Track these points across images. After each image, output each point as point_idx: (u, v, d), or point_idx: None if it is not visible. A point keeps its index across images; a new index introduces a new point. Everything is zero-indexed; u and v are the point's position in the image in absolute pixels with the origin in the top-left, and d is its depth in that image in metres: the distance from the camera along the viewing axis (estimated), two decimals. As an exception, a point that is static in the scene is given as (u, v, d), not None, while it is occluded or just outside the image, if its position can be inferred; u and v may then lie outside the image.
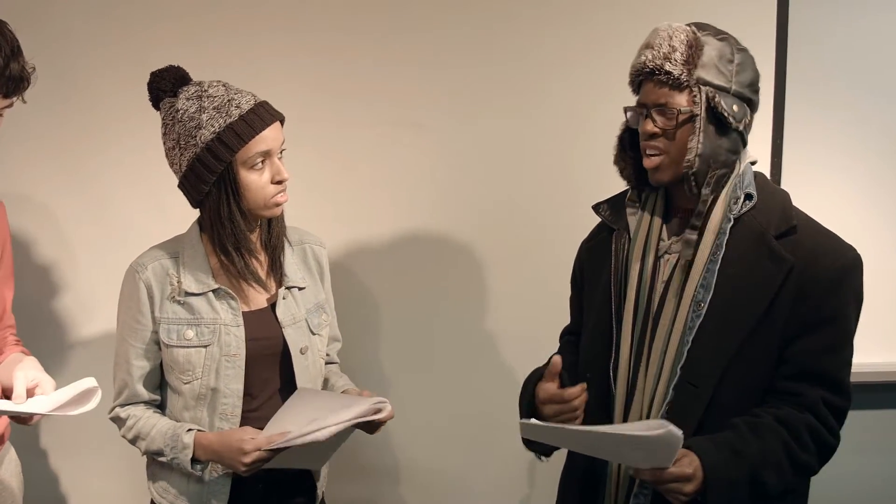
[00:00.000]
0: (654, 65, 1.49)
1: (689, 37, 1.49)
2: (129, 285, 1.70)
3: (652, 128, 1.51)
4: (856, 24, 2.36)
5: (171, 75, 1.65)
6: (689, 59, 1.47)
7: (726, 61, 1.49)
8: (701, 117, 1.47)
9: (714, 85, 1.48)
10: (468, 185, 2.31)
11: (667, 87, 1.49)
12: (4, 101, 1.50)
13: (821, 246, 1.48)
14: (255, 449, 1.57)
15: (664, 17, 1.54)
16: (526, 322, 2.18)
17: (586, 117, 2.25)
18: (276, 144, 1.64)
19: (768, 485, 1.42)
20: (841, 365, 1.49)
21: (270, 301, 1.75)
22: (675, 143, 1.50)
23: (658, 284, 1.57)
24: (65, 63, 2.16)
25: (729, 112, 1.47)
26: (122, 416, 1.73)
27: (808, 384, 1.46)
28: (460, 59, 2.26)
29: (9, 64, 1.46)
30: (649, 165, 1.54)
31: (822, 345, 1.46)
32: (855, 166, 2.41)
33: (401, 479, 2.43)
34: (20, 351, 1.77)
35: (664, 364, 1.51)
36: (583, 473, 1.64)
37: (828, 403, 1.46)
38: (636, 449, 1.35)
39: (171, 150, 1.65)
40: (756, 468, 1.41)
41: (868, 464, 2.51)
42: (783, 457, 1.43)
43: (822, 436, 1.46)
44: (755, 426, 1.44)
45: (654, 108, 1.51)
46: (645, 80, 1.53)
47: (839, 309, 1.47)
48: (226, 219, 1.64)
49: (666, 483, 1.38)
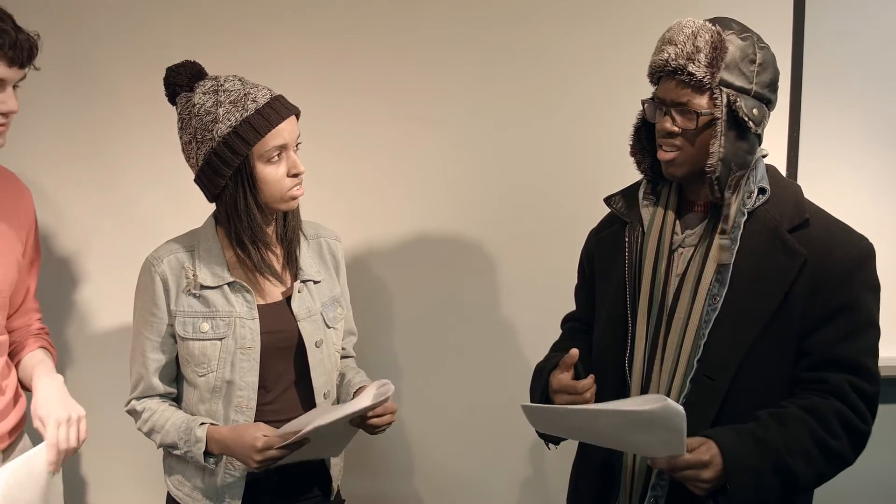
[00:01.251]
0: (678, 64, 1.46)
1: (714, 37, 1.45)
2: (145, 278, 1.70)
3: (671, 126, 1.50)
4: (873, 19, 2.35)
5: (187, 70, 1.66)
6: (714, 61, 1.45)
7: (748, 62, 1.47)
8: (722, 121, 1.46)
9: (735, 87, 1.46)
10: (483, 180, 2.31)
11: (689, 87, 1.47)
12: (21, 71, 1.53)
13: (833, 238, 1.48)
14: (267, 447, 1.58)
15: (682, 15, 1.53)
16: (541, 316, 2.16)
17: (603, 114, 2.25)
18: (292, 138, 1.65)
19: (797, 473, 1.41)
20: (862, 350, 1.47)
21: (286, 294, 1.75)
22: (693, 143, 1.50)
23: (672, 278, 1.57)
24: (83, 56, 2.17)
25: (749, 116, 1.47)
26: (137, 408, 1.74)
27: (830, 371, 1.45)
28: (477, 56, 2.26)
29: (17, 34, 1.49)
30: (664, 158, 1.54)
31: (839, 333, 1.45)
32: (871, 161, 2.40)
33: (415, 473, 2.43)
34: (41, 346, 1.79)
35: (680, 357, 1.51)
36: (598, 466, 1.64)
37: (855, 388, 1.44)
38: (640, 430, 1.34)
39: (187, 145, 1.65)
40: (781, 456, 1.39)
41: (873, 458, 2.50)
42: (811, 444, 1.42)
43: (851, 421, 1.44)
44: (780, 416, 1.43)
45: (673, 107, 1.50)
46: (666, 77, 1.51)
47: (853, 297, 1.46)
48: (242, 212, 1.64)
49: (681, 470, 1.38)
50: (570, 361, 1.56)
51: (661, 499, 1.52)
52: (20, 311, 1.81)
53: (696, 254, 1.54)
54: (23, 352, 1.78)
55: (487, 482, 2.45)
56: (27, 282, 1.80)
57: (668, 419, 1.30)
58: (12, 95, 1.55)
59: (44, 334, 1.84)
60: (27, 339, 1.79)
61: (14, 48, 1.48)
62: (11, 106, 1.54)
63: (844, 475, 1.53)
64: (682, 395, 1.49)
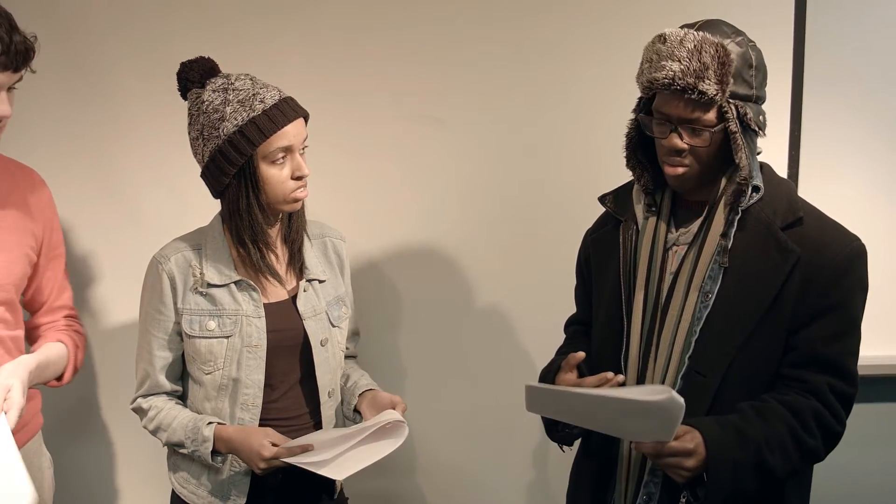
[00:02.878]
0: (686, 83, 1.42)
1: (720, 51, 1.42)
2: (152, 276, 1.71)
3: (681, 144, 1.49)
4: (874, 20, 2.36)
5: (200, 66, 1.67)
6: (723, 77, 1.43)
7: (748, 66, 1.47)
8: (738, 134, 1.46)
9: (741, 96, 1.46)
10: (489, 179, 2.31)
11: (698, 104, 1.44)
12: (15, 75, 1.49)
13: (826, 236, 1.50)
14: (273, 457, 1.59)
15: (684, 14, 1.54)
16: (547, 317, 2.17)
17: (609, 111, 2.22)
18: (297, 140, 1.65)
19: (773, 468, 1.44)
20: (846, 352, 1.50)
21: (291, 293, 1.76)
22: (703, 158, 1.50)
23: (667, 275, 1.58)
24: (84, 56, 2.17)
25: (758, 124, 1.48)
26: (143, 406, 1.75)
27: (813, 371, 1.47)
28: (482, 55, 2.26)
29: (12, 38, 1.45)
30: (673, 174, 1.52)
31: (827, 332, 1.47)
32: (872, 162, 2.41)
33: (419, 472, 2.43)
34: (59, 339, 1.77)
35: (672, 354, 1.53)
36: (596, 462, 1.66)
37: (834, 389, 1.47)
38: (638, 417, 1.36)
39: (195, 140, 1.67)
40: (761, 451, 1.42)
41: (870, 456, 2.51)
42: (789, 441, 1.45)
43: (827, 422, 1.47)
44: (761, 410, 1.45)
45: (681, 124, 1.48)
46: (670, 93, 1.46)
47: (844, 297, 1.48)
48: (244, 211, 1.65)
49: (666, 457, 1.40)
50: (573, 362, 1.58)
51: (654, 496, 1.54)
52: (45, 310, 1.80)
53: (690, 252, 1.56)
54: (38, 343, 1.77)
55: (491, 482, 2.45)
56: (46, 278, 1.78)
57: (669, 410, 1.32)
58: (4, 100, 1.50)
59: (70, 331, 1.81)
60: (48, 333, 1.79)
61: (6, 53, 1.44)
62: (3, 111, 1.50)
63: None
64: (675, 390, 1.50)
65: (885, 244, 2.35)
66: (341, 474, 1.58)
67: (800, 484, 1.57)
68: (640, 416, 1.35)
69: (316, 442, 1.60)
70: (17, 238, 1.67)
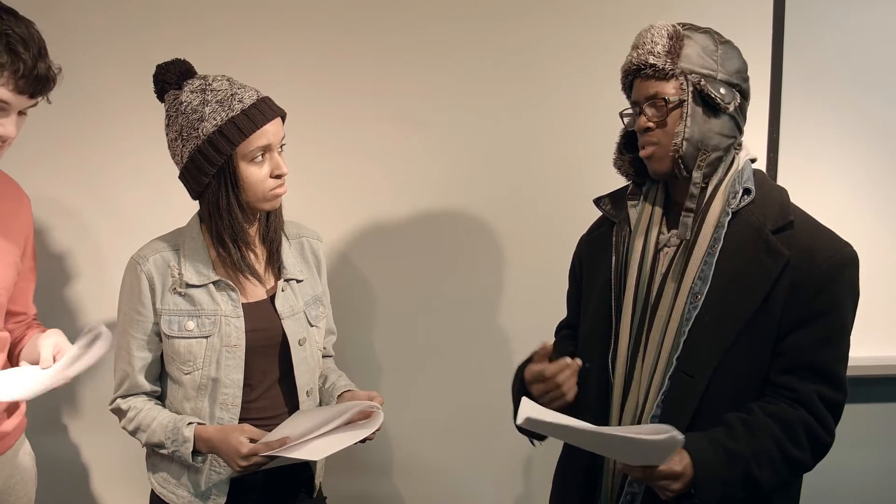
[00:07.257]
0: (639, 61, 1.54)
1: (670, 30, 1.53)
2: (130, 277, 1.71)
3: (645, 122, 1.55)
4: (853, 20, 2.37)
5: (176, 68, 1.67)
6: (672, 49, 1.52)
7: (710, 51, 1.53)
8: (688, 102, 1.51)
9: (699, 73, 1.51)
10: (469, 180, 2.31)
11: (653, 79, 1.53)
12: (30, 101, 1.49)
13: (817, 241, 1.50)
14: (252, 453, 1.59)
15: (667, 13, 1.56)
16: (524, 316, 2.18)
17: (592, 112, 2.25)
18: (276, 139, 1.66)
19: (761, 482, 1.44)
20: (836, 358, 1.50)
21: (270, 293, 1.76)
22: (667, 132, 1.53)
23: (657, 276, 1.58)
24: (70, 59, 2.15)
25: (717, 95, 1.50)
26: (122, 407, 1.74)
27: (802, 379, 1.47)
28: (463, 55, 2.26)
29: (36, 64, 1.44)
30: (644, 154, 1.57)
31: (816, 338, 1.47)
32: (851, 163, 2.42)
33: (397, 473, 2.43)
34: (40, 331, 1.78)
35: (661, 354, 1.53)
36: (582, 467, 1.65)
37: (823, 398, 1.47)
38: (636, 449, 1.36)
39: (173, 142, 1.67)
40: (749, 467, 1.42)
41: (865, 457, 2.52)
42: (777, 454, 1.44)
43: (816, 432, 1.47)
44: (750, 424, 1.45)
45: (645, 103, 1.55)
46: (634, 79, 1.58)
47: (833, 303, 1.48)
48: (224, 210, 1.66)
49: (655, 480, 1.41)
50: (543, 353, 1.58)
51: (637, 496, 1.54)
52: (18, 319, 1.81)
53: (681, 252, 1.56)
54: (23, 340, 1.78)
55: (469, 481, 2.45)
56: (25, 287, 1.79)
57: (669, 447, 1.33)
58: (13, 122, 1.49)
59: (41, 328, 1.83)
60: (25, 331, 1.80)
61: (26, 77, 1.43)
62: (9, 132, 1.48)
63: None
64: (662, 391, 1.51)
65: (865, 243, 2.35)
66: (318, 455, 1.58)
67: (788, 489, 1.57)
68: (641, 449, 1.35)
69: (292, 434, 1.60)
70: (5, 247, 1.68)
